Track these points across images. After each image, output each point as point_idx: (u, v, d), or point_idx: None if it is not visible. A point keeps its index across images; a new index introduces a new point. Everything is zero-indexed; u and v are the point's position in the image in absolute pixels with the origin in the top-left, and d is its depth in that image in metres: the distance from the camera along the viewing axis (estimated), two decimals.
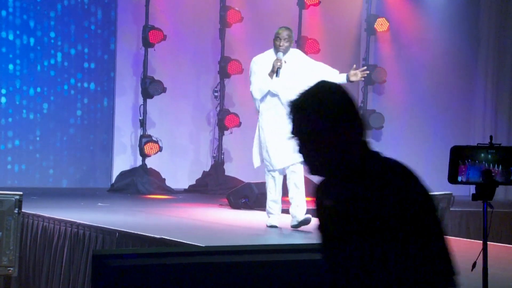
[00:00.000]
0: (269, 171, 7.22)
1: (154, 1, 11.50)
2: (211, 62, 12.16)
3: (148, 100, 11.42)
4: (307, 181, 7.32)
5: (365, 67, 7.47)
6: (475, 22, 13.19)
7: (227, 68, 11.74)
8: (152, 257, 2.94)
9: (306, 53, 12.08)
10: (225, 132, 11.87)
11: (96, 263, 2.81)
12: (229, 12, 11.72)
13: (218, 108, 11.90)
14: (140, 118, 11.45)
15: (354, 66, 7.16)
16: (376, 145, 11.89)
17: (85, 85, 11.77)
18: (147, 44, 11.31)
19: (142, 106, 11.45)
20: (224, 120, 11.75)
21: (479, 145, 3.34)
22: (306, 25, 12.12)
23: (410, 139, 13.15)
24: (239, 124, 11.77)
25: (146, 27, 11.32)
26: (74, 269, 6.99)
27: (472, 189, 3.67)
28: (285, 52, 6.98)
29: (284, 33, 6.99)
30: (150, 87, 11.25)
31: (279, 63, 6.91)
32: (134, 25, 11.75)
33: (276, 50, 7.01)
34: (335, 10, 12.26)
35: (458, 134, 13.34)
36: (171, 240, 6.15)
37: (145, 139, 11.31)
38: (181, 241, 6.10)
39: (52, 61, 11.52)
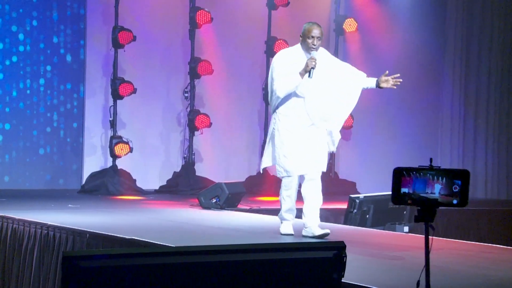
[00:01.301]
0: (283, 177, 6.49)
1: (124, 2, 11.44)
2: (181, 63, 12.14)
3: (118, 101, 11.37)
4: None
5: (398, 74, 6.65)
6: (442, 22, 13.29)
7: (197, 69, 11.72)
8: (122, 257, 2.93)
9: (275, 54, 12.16)
10: (196, 132, 11.85)
11: (66, 264, 2.80)
12: (198, 13, 11.70)
13: (188, 109, 11.88)
14: (110, 119, 11.41)
15: (387, 72, 6.58)
16: (345, 145, 11.93)
17: (54, 91, 11.68)
18: (117, 45, 11.26)
19: (112, 107, 11.41)
20: (194, 120, 11.73)
21: (420, 166, 3.45)
22: (275, 26, 12.15)
23: (378, 139, 13.23)
24: (210, 125, 11.77)
25: (116, 28, 11.26)
26: (44, 270, 6.95)
27: None
28: (316, 50, 6.35)
29: (318, 31, 6.32)
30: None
31: (314, 63, 6.24)
32: (103, 26, 11.69)
33: (307, 48, 6.33)
34: (304, 11, 12.29)
35: (426, 133, 13.46)
36: (142, 240, 6.14)
37: (115, 140, 11.26)
38: (151, 241, 6.08)
39: (21, 62, 11.43)
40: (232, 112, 12.58)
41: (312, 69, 6.25)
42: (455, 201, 3.49)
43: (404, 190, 3.48)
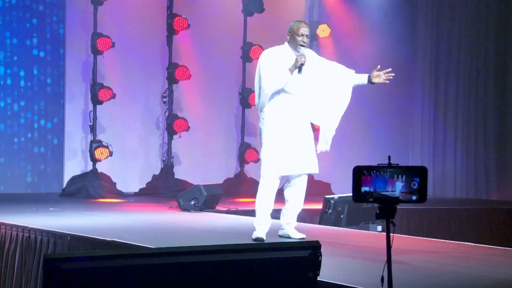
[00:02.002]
0: (264, 177, 6.20)
1: (102, 9, 11.40)
2: (159, 68, 12.12)
3: (98, 106, 11.34)
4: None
5: (390, 69, 6.54)
6: (413, 28, 13.37)
7: (175, 74, 11.71)
8: (103, 259, 2.92)
9: (251, 59, 12.20)
10: (174, 136, 11.83)
11: (47, 267, 2.78)
12: (176, 20, 11.69)
13: (167, 113, 11.85)
14: (90, 123, 11.37)
15: (379, 66, 6.52)
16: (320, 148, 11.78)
17: (35, 96, 11.61)
18: (96, 51, 11.23)
19: (92, 112, 11.37)
20: (173, 124, 11.71)
21: (379, 165, 3.47)
22: (251, 32, 12.16)
23: (352, 141, 13.27)
24: (188, 128, 11.76)
25: (95, 34, 11.22)
26: (26, 273, 6.90)
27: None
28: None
29: (307, 29, 6.24)
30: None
31: (303, 59, 6.12)
32: (82, 33, 11.63)
33: (295, 45, 6.21)
34: (279, 17, 12.30)
35: (397, 135, 13.52)
36: (122, 242, 6.12)
37: (95, 144, 11.23)
38: (131, 243, 6.06)
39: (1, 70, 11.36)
40: (210, 116, 12.57)
41: (302, 65, 6.14)
42: (414, 197, 3.51)
43: (365, 188, 3.48)
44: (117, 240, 6.19)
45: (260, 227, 6.26)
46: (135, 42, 12.03)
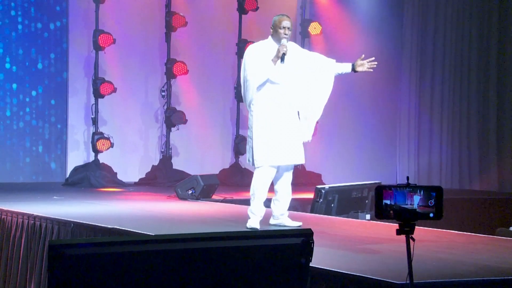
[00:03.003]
0: (258, 167, 6.14)
1: (104, 7, 11.37)
2: (158, 64, 12.10)
3: (100, 100, 11.33)
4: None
5: (373, 58, 6.41)
6: (399, 28, 13.37)
7: (173, 69, 11.69)
8: (105, 245, 2.92)
9: None
10: (172, 128, 11.82)
11: (52, 252, 2.78)
12: (174, 17, 11.67)
13: (165, 107, 11.84)
14: (92, 116, 11.35)
15: (363, 56, 6.41)
16: (311, 140, 11.81)
17: (39, 89, 11.59)
18: (97, 47, 11.21)
19: (94, 105, 11.35)
20: (171, 117, 11.70)
21: (398, 184, 3.56)
22: (245, 29, 12.14)
23: (342, 134, 13.29)
24: (185, 121, 11.76)
25: (96, 31, 11.20)
26: (32, 258, 6.90)
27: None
28: (287, 41, 6.20)
29: (288, 22, 6.23)
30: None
31: (285, 49, 6.07)
32: (84, 30, 11.61)
33: (278, 38, 6.18)
34: (272, 15, 12.17)
35: (385, 129, 13.53)
36: (123, 229, 6.12)
37: (97, 136, 11.22)
38: (132, 230, 6.06)
39: (7, 66, 11.32)
40: (206, 109, 12.57)
41: (284, 55, 6.09)
42: (431, 215, 3.61)
43: (386, 201, 3.55)
44: (118, 227, 6.19)
45: (255, 216, 6.23)
46: (135, 38, 12.00)
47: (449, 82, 13.08)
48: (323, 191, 8.59)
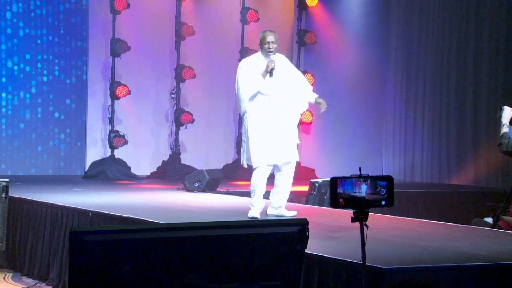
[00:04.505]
0: (257, 167, 6.22)
1: (120, 18, 11.37)
2: (168, 69, 12.10)
3: (116, 101, 11.34)
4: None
5: (326, 107, 6.45)
6: (386, 35, 13.35)
7: (182, 74, 11.70)
8: (120, 232, 2.92)
9: None
10: (181, 127, 11.83)
11: (73, 239, 2.78)
12: (183, 27, 11.67)
13: (174, 108, 11.84)
14: (109, 116, 11.37)
15: (321, 100, 6.44)
16: (306, 138, 11.81)
17: (62, 92, 11.61)
18: (114, 54, 11.21)
19: (110, 106, 11.36)
20: (180, 117, 11.71)
21: (352, 176, 3.47)
22: (247, 38, 12.14)
23: (334, 133, 13.28)
24: (193, 121, 11.77)
25: (113, 39, 11.20)
26: (54, 244, 6.90)
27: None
28: (274, 54, 6.25)
29: (272, 37, 6.24)
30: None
31: (273, 64, 6.14)
32: (103, 38, 11.61)
33: (266, 52, 6.24)
34: (271, 26, 12.17)
35: (373, 128, 13.52)
36: (136, 218, 6.11)
37: (113, 134, 11.22)
38: (144, 219, 6.06)
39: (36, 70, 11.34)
40: (211, 110, 12.57)
41: (272, 70, 6.14)
42: (383, 202, 3.54)
43: (339, 191, 3.45)
44: (132, 216, 6.19)
45: (255, 208, 6.29)
46: (147, 46, 12.00)
47: (431, 87, 13.07)
48: (316, 184, 8.59)
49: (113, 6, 11.14)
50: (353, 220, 3.48)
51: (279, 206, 6.43)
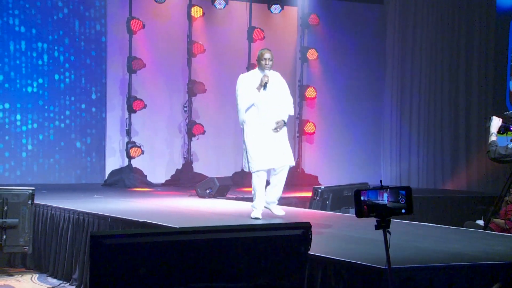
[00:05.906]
0: (256, 171, 6.43)
1: (136, 37, 11.43)
2: (181, 84, 12.13)
3: (133, 114, 11.37)
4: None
5: (279, 125, 6.52)
6: (383, 51, 13.36)
7: (194, 89, 11.73)
8: (137, 236, 2.93)
9: None
10: (193, 138, 11.84)
11: (93, 242, 2.79)
12: (194, 45, 11.72)
13: (187, 120, 11.87)
14: (126, 128, 11.39)
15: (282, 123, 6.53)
16: (309, 147, 11.82)
17: (83, 106, 11.67)
18: (131, 70, 11.26)
19: (127, 119, 11.39)
20: (192, 129, 11.73)
21: (374, 187, 3.52)
22: (254, 55, 12.15)
23: (335, 142, 13.27)
24: (204, 132, 11.78)
25: (130, 57, 11.26)
26: (76, 247, 6.92)
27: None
28: (269, 69, 6.48)
29: (268, 54, 6.46)
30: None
31: (266, 79, 6.39)
32: (120, 56, 11.66)
33: (262, 68, 6.46)
34: (276, 43, 12.31)
35: (371, 138, 13.51)
36: (152, 223, 6.12)
37: (130, 145, 11.25)
38: (159, 223, 6.07)
39: (61, 83, 11.39)
40: (221, 122, 12.58)
41: (266, 84, 6.38)
42: (403, 211, 3.58)
43: (363, 198, 3.51)
44: (148, 221, 6.20)
45: (256, 209, 6.50)
46: (162, 63, 12.04)
47: (425, 98, 13.06)
48: (319, 190, 8.58)
49: (129, 26, 11.21)
50: (377, 227, 3.53)
51: (272, 201, 6.59)
